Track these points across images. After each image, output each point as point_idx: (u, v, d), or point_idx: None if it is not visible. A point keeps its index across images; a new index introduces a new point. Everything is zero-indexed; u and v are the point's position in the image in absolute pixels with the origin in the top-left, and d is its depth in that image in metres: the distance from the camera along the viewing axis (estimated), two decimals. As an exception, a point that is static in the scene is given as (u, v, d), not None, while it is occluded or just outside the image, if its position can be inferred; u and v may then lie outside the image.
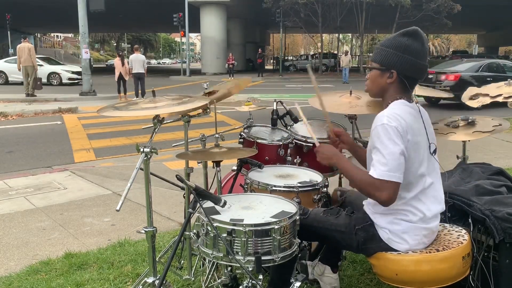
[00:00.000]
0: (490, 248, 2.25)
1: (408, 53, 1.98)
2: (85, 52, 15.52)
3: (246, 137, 3.04)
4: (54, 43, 71.19)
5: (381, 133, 1.91)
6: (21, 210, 4.38)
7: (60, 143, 8.10)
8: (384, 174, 1.87)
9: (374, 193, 1.91)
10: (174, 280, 2.80)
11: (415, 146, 1.96)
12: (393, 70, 2.01)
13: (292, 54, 62.95)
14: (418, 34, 2.02)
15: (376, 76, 2.07)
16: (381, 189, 1.88)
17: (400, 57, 1.99)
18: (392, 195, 1.89)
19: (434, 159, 2.07)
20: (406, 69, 2.00)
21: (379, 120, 1.95)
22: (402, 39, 2.01)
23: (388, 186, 1.87)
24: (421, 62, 2.01)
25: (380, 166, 1.89)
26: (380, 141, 1.91)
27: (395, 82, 2.03)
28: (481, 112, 3.30)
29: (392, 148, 1.88)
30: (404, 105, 2.00)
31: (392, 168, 1.87)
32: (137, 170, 1.95)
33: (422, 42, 2.02)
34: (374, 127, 1.96)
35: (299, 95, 16.87)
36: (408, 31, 2.03)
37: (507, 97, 2.98)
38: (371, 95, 2.19)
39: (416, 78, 2.05)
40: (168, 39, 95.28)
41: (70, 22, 27.91)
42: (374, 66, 2.07)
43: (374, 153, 1.94)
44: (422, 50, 2.01)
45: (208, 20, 32.35)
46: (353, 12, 30.61)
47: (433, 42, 67.70)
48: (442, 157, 2.11)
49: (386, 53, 2.02)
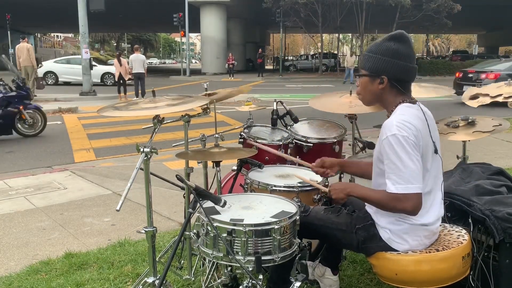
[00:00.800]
0: (490, 248, 2.25)
1: (396, 57, 1.97)
2: (85, 52, 15.53)
3: (246, 137, 3.04)
4: (54, 43, 71.17)
5: (394, 145, 1.88)
6: (21, 210, 4.38)
7: (60, 143, 8.10)
8: (404, 188, 1.86)
9: (398, 207, 1.90)
10: (174, 280, 2.80)
11: (425, 149, 1.95)
12: (383, 75, 2.00)
13: (292, 54, 62.90)
14: (404, 37, 2.01)
15: (366, 82, 2.06)
16: (404, 201, 1.87)
17: (389, 62, 1.98)
18: (417, 204, 1.88)
19: (439, 157, 2.06)
20: (397, 73, 1.99)
21: (388, 129, 1.91)
22: (389, 43, 2.00)
23: (410, 197, 1.87)
24: (410, 64, 2.00)
25: (398, 179, 1.87)
26: (394, 153, 1.88)
27: (387, 87, 2.01)
28: (481, 112, 3.29)
29: (406, 160, 1.86)
30: (409, 108, 1.99)
31: (410, 179, 1.86)
32: (137, 170, 1.95)
33: (409, 45, 2.02)
34: (384, 137, 1.92)
35: (299, 95, 16.88)
36: (394, 35, 2.02)
37: (507, 97, 2.98)
38: (365, 103, 2.16)
39: (408, 80, 2.04)
40: (168, 39, 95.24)
41: (70, 22, 27.92)
42: (363, 73, 2.06)
43: (388, 165, 1.91)
44: (410, 53, 2.01)
45: (208, 20, 32.34)
46: (353, 12, 30.58)
47: (433, 42, 67.70)
48: (443, 157, 2.10)
49: (375, 59, 2.00)
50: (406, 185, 1.86)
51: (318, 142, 3.08)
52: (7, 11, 31.20)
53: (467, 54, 41.84)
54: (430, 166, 2.00)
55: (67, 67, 22.92)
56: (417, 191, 1.87)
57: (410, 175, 1.86)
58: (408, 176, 1.86)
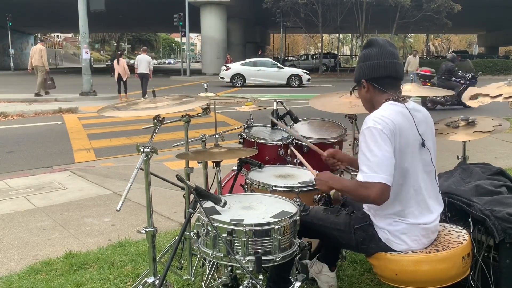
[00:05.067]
0: (490, 248, 2.25)
1: (364, 60, 2.12)
2: (85, 52, 15.53)
3: (246, 137, 3.04)
4: (55, 43, 71.25)
5: (366, 136, 1.95)
6: (21, 210, 4.38)
7: (60, 143, 8.10)
8: (369, 176, 1.90)
9: (362, 194, 1.93)
10: (174, 280, 2.80)
11: (406, 145, 1.97)
12: (362, 79, 2.12)
13: (292, 54, 62.88)
14: (372, 42, 2.14)
15: (359, 93, 2.21)
16: (368, 188, 1.90)
17: (362, 67, 2.13)
18: (379, 192, 1.89)
19: (427, 150, 2.06)
20: (369, 73, 2.09)
21: (365, 123, 1.99)
22: (362, 53, 2.18)
23: (373, 185, 1.89)
24: (381, 60, 2.07)
25: (365, 168, 1.92)
26: (366, 144, 1.94)
27: (370, 89, 2.11)
28: (481, 112, 3.30)
29: (376, 150, 1.90)
30: (392, 105, 2.03)
31: (375, 169, 1.89)
32: (137, 170, 1.95)
33: (379, 45, 2.11)
34: (361, 131, 2.00)
35: (300, 95, 16.88)
36: (365, 44, 2.20)
37: (507, 97, 2.98)
38: (368, 111, 2.23)
39: (385, 76, 2.08)
40: (168, 39, 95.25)
41: (70, 22, 27.93)
42: (353, 87, 2.25)
43: (359, 156, 1.97)
44: (381, 51, 2.09)
45: (208, 20, 32.32)
46: (353, 12, 30.56)
47: (433, 42, 67.67)
48: (442, 157, 2.11)
49: (356, 70, 2.19)
50: (371, 173, 1.90)
51: (318, 142, 3.08)
52: (7, 11, 31.23)
53: (467, 54, 41.78)
54: (417, 163, 2.02)
55: (254, 69, 22.83)
56: (381, 180, 1.88)
57: (376, 165, 1.89)
58: (374, 165, 1.89)
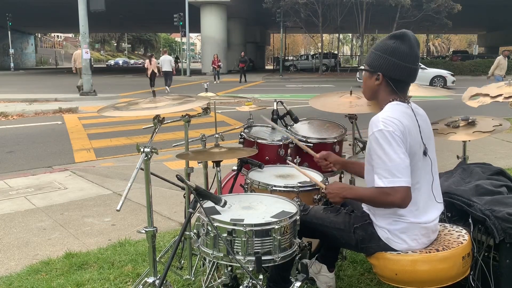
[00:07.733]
0: (490, 248, 2.25)
1: (393, 55, 1.99)
2: (85, 52, 15.53)
3: (246, 137, 3.04)
4: (55, 43, 71.24)
5: (379, 140, 1.90)
6: (21, 210, 4.38)
7: (61, 143, 8.10)
8: (391, 181, 1.88)
9: (387, 201, 1.91)
10: (174, 280, 2.80)
11: (412, 145, 1.96)
12: (379, 72, 2.03)
13: (292, 54, 62.89)
14: (406, 36, 2.00)
15: (366, 78, 2.11)
16: (393, 194, 1.88)
17: (385, 59, 2.00)
18: (404, 196, 1.89)
19: (429, 159, 2.05)
20: (391, 71, 2.00)
21: (374, 125, 1.94)
22: (389, 42, 2.02)
23: (397, 190, 1.87)
24: (407, 64, 1.99)
25: (384, 173, 1.89)
26: (380, 148, 1.90)
27: (383, 85, 2.04)
28: (481, 112, 3.29)
29: (392, 154, 1.88)
30: (397, 105, 2.01)
31: (396, 173, 1.87)
32: (137, 170, 1.95)
33: (410, 45, 1.99)
34: (371, 133, 1.95)
35: (300, 95, 16.88)
36: (396, 33, 2.03)
37: (507, 97, 2.98)
38: (366, 97, 2.21)
39: (403, 80, 2.04)
40: (168, 39, 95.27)
41: (70, 22, 27.94)
42: (363, 68, 2.11)
43: (375, 160, 1.93)
44: (410, 53, 1.99)
45: (209, 20, 32.34)
46: (353, 12, 30.58)
47: (434, 42, 67.68)
48: (442, 157, 2.11)
49: (375, 56, 2.04)
50: (392, 178, 1.87)
51: (319, 142, 3.08)
52: (7, 11, 31.22)
53: (467, 54, 41.77)
54: (421, 164, 2.01)
55: None
56: (403, 184, 1.87)
57: (395, 169, 1.87)
58: (394, 170, 1.87)
